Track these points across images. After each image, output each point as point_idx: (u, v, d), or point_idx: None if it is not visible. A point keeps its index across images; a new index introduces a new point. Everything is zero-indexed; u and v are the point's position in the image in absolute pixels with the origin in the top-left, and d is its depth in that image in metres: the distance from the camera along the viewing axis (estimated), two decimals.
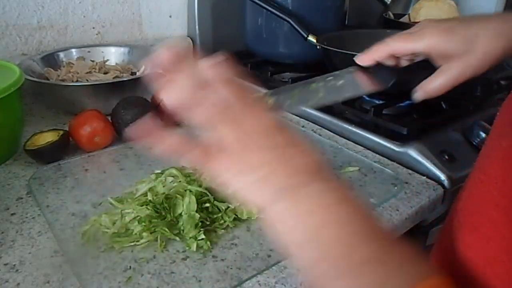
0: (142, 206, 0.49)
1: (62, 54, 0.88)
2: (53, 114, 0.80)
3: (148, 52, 0.92)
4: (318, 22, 0.95)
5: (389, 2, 1.23)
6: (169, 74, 0.31)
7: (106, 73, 0.84)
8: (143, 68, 0.88)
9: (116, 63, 0.91)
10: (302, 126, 0.77)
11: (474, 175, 0.34)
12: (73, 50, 0.90)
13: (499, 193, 0.30)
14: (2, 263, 0.44)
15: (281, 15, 0.92)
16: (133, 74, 0.87)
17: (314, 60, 0.89)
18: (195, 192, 0.51)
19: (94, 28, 0.96)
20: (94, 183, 0.58)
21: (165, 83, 0.31)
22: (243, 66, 1.00)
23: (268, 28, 1.00)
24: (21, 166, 0.62)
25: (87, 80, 0.81)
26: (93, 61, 0.89)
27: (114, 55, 0.93)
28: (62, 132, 0.63)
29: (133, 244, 0.47)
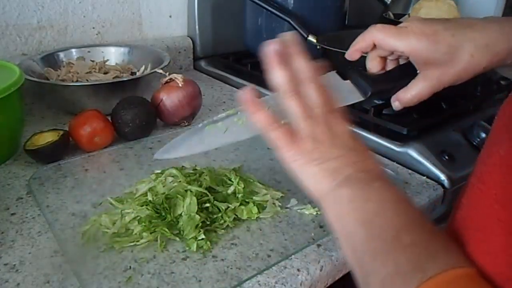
0: (142, 206, 0.50)
1: (62, 54, 0.88)
2: (53, 114, 0.80)
3: (148, 52, 0.92)
4: (318, 22, 0.95)
5: (389, 2, 1.22)
6: (278, 64, 0.40)
7: (106, 73, 0.84)
8: (143, 68, 0.88)
9: (116, 63, 0.91)
10: None
11: (472, 183, 0.34)
12: (73, 50, 0.90)
13: (501, 206, 0.29)
14: (2, 263, 0.44)
15: (281, 15, 0.92)
16: (133, 74, 0.87)
17: (314, 60, 0.89)
18: (196, 192, 0.51)
19: (94, 28, 0.96)
20: (94, 183, 0.58)
21: (273, 70, 0.40)
22: (243, 66, 1.00)
23: (268, 28, 1.00)
24: (21, 166, 0.62)
25: (87, 80, 0.81)
26: (93, 61, 0.89)
27: (114, 55, 0.93)
28: (62, 132, 0.63)
29: (133, 244, 0.47)
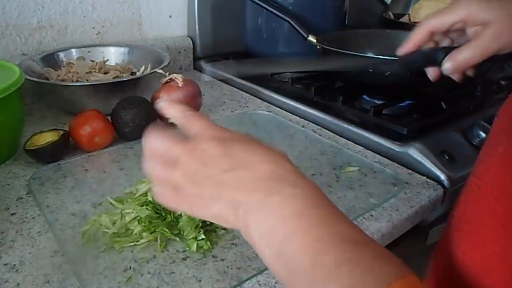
0: (142, 206, 0.49)
1: (62, 54, 0.88)
2: (53, 114, 0.80)
3: (148, 52, 0.92)
4: (318, 22, 0.95)
5: (389, 2, 1.23)
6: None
7: (106, 73, 0.84)
8: (143, 68, 0.88)
9: (116, 63, 0.91)
10: (302, 126, 0.77)
11: (471, 181, 0.34)
12: (73, 50, 0.90)
13: (495, 200, 0.29)
14: (2, 263, 0.44)
15: (281, 15, 0.92)
16: (133, 74, 0.87)
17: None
18: None
19: (94, 28, 0.96)
20: (94, 183, 0.58)
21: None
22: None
23: (268, 28, 1.00)
24: (21, 166, 0.62)
25: (87, 80, 0.81)
26: (93, 61, 0.89)
27: (114, 55, 0.93)
28: (62, 132, 0.63)
29: (133, 244, 0.47)
